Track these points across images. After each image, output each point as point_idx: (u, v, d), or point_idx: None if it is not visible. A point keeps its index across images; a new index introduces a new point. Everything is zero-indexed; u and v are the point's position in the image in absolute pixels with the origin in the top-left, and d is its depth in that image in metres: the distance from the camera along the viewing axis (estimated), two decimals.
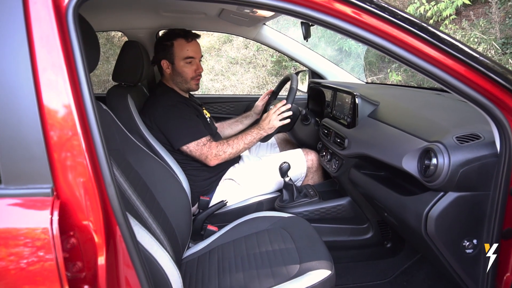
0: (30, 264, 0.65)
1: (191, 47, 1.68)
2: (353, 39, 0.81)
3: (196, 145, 1.60)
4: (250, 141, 1.67)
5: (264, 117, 1.69)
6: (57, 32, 0.68)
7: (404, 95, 1.58)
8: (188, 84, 1.73)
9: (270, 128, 1.66)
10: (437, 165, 0.93)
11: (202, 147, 1.60)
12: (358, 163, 1.43)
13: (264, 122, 1.67)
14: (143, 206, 1.19)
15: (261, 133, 1.67)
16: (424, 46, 0.79)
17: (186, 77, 1.71)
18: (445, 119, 1.13)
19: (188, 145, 1.60)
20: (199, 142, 1.60)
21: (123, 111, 1.52)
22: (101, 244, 0.71)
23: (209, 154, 1.61)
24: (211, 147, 1.61)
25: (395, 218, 1.23)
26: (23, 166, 0.67)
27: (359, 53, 4.69)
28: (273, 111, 1.66)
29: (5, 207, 0.67)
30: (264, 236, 1.34)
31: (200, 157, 1.62)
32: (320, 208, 1.60)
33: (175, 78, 1.72)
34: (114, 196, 0.73)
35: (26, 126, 0.66)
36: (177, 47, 1.67)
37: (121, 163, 1.19)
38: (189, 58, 1.68)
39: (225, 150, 1.63)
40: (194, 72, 1.72)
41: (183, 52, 1.67)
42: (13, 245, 0.65)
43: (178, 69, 1.69)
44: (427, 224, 0.99)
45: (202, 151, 1.60)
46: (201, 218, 1.64)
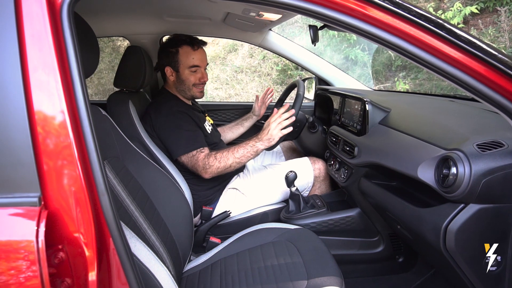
0: (11, 281, 0.59)
1: (197, 55, 1.64)
2: (368, 38, 0.76)
3: (187, 158, 1.55)
4: (242, 155, 1.50)
5: (264, 127, 1.52)
6: (50, 30, 0.64)
7: (416, 101, 1.52)
8: (191, 92, 1.69)
9: (269, 140, 1.48)
10: (457, 174, 0.87)
11: (191, 159, 1.54)
12: (369, 173, 1.36)
13: (263, 132, 1.50)
14: (142, 216, 1.13)
15: (257, 146, 1.50)
16: (441, 45, 0.73)
17: (189, 85, 1.67)
18: (462, 125, 1.06)
19: (181, 156, 1.55)
20: (188, 154, 1.54)
21: (124, 117, 1.48)
22: (92, 258, 0.65)
23: (198, 167, 1.53)
24: (199, 159, 1.52)
25: (409, 231, 1.16)
26: (9, 172, 0.62)
27: (366, 61, 4.65)
28: (273, 118, 1.48)
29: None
30: (269, 249, 1.28)
31: (193, 169, 1.57)
32: (328, 219, 1.53)
33: (179, 85, 1.68)
34: (107, 206, 0.68)
35: (14, 129, 0.62)
36: (182, 54, 1.62)
37: (119, 171, 1.14)
38: (194, 66, 1.64)
39: (211, 164, 1.51)
40: (199, 81, 1.67)
41: (189, 60, 1.62)
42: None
43: (183, 77, 1.65)
44: (446, 239, 0.92)
45: (192, 164, 1.54)
46: (204, 229, 1.58)
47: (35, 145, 0.62)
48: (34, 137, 0.62)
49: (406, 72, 4.41)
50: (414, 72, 4.32)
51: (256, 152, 1.51)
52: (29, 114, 0.62)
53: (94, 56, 1.00)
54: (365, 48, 4.71)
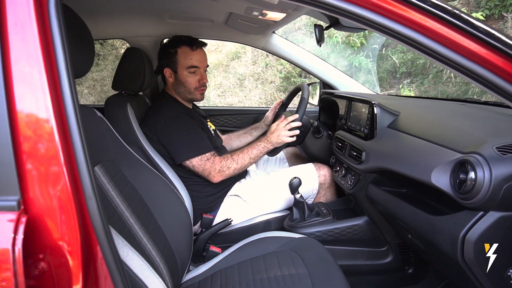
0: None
1: (195, 55, 1.59)
2: (379, 30, 0.70)
3: (200, 160, 1.49)
4: (256, 155, 1.56)
5: (272, 130, 1.58)
6: (35, 18, 0.59)
7: (426, 105, 1.46)
8: (192, 94, 1.64)
9: (279, 142, 1.56)
10: (476, 179, 0.80)
11: (206, 162, 1.49)
12: (377, 179, 1.30)
13: (272, 135, 1.56)
14: (138, 223, 1.07)
15: (268, 147, 1.57)
16: (458, 37, 0.67)
17: (189, 87, 1.62)
18: (478, 128, 1.00)
19: (191, 160, 1.49)
20: (202, 157, 1.49)
21: (122, 121, 1.43)
22: (77, 268, 0.59)
23: (212, 170, 1.50)
24: (215, 162, 1.50)
25: (422, 241, 1.08)
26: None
27: (370, 68, 4.61)
28: (283, 124, 1.56)
29: None
30: (272, 259, 1.22)
31: (203, 173, 1.51)
32: (334, 228, 1.46)
33: (178, 87, 1.63)
34: (95, 210, 0.62)
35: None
36: (181, 55, 1.58)
37: (114, 176, 1.08)
38: (193, 67, 1.59)
39: (229, 166, 1.52)
40: (198, 83, 1.62)
41: (187, 60, 1.58)
42: None
43: (181, 78, 1.61)
44: (464, 249, 0.85)
45: (205, 167, 1.49)
46: (204, 238, 1.52)
47: (15, 143, 0.57)
48: (15, 134, 0.57)
49: (411, 78, 4.35)
50: (420, 78, 4.26)
51: (266, 152, 1.59)
52: (10, 108, 0.57)
53: (88, 55, 0.95)
54: (369, 55, 4.67)
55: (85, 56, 0.93)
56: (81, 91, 6.80)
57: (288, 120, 1.56)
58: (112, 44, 6.66)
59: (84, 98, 6.65)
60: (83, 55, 0.92)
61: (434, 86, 4.09)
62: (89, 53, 0.97)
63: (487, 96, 3.40)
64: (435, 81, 4.09)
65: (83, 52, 0.92)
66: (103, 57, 6.90)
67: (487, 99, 1.46)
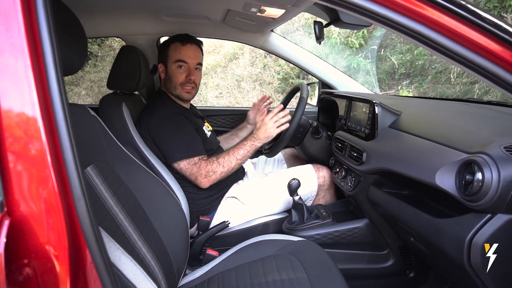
0: None
1: (184, 50, 1.56)
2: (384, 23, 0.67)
3: (187, 164, 1.45)
4: (243, 155, 1.51)
5: (258, 126, 1.52)
6: (20, 8, 0.55)
7: (427, 104, 1.43)
8: (177, 90, 1.59)
9: (266, 137, 1.51)
10: (483, 180, 0.77)
11: (193, 166, 1.45)
12: (378, 180, 1.26)
13: (259, 130, 1.51)
14: (132, 226, 1.04)
15: (255, 144, 1.51)
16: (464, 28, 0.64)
17: (175, 82, 1.58)
18: (484, 128, 0.97)
19: (179, 162, 1.46)
20: (190, 161, 1.45)
21: (116, 120, 1.39)
22: (64, 274, 0.56)
23: (199, 175, 1.45)
24: (201, 167, 1.45)
25: (425, 245, 1.05)
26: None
27: (368, 69, 4.59)
28: (269, 117, 1.50)
29: None
30: (270, 262, 1.19)
31: (190, 178, 1.48)
32: (334, 231, 1.42)
33: (167, 82, 1.61)
34: (84, 212, 0.58)
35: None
36: (171, 49, 1.57)
37: (108, 176, 1.05)
38: (180, 61, 1.56)
39: (215, 170, 1.47)
40: (185, 78, 1.57)
41: (176, 54, 1.56)
42: None
43: (169, 72, 1.59)
44: (470, 253, 0.81)
45: (192, 171, 1.45)
46: (200, 241, 1.48)
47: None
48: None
49: (410, 80, 4.34)
50: (419, 80, 4.24)
51: (255, 150, 1.53)
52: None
53: (80, 52, 0.92)
54: (368, 56, 4.65)
55: (77, 52, 0.90)
56: (78, 92, 6.77)
57: (274, 112, 1.51)
58: (110, 45, 6.63)
59: (82, 99, 6.61)
60: (75, 51, 0.88)
61: (433, 87, 4.07)
62: (81, 49, 0.93)
63: (488, 97, 3.39)
64: (434, 82, 4.08)
65: (75, 48, 0.88)
66: (101, 58, 6.87)
67: (489, 99, 1.44)
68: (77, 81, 7.00)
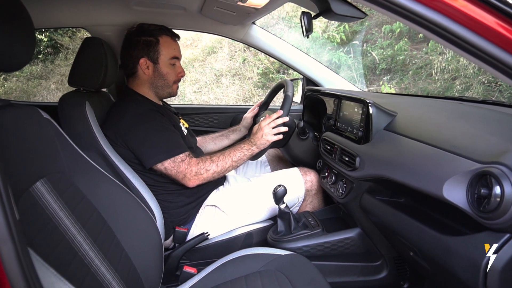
0: None
1: (177, 46, 1.48)
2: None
3: (173, 162, 1.30)
4: (239, 159, 1.40)
5: (255, 130, 1.43)
6: None
7: (423, 104, 1.32)
8: (170, 88, 1.49)
9: (263, 144, 1.41)
10: (503, 195, 0.66)
11: (180, 164, 1.31)
12: (373, 187, 1.15)
13: (256, 136, 1.42)
14: (94, 250, 0.89)
15: (252, 150, 1.41)
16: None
17: (168, 80, 1.46)
18: (493, 132, 0.86)
19: (163, 162, 1.30)
20: (176, 158, 1.31)
21: (79, 122, 1.22)
22: None
23: (188, 173, 1.31)
24: (191, 164, 1.32)
25: (429, 263, 0.94)
26: None
27: (349, 65, 4.51)
28: (267, 122, 1.42)
29: None
30: (255, 280, 1.09)
31: (177, 176, 1.33)
32: (324, 242, 1.31)
33: (156, 81, 1.45)
34: (13, 261, 0.43)
35: None
36: (163, 44, 1.43)
37: (64, 191, 0.90)
38: (175, 58, 1.46)
39: (207, 168, 1.34)
40: (177, 76, 1.48)
41: (170, 50, 1.44)
42: None
43: (162, 70, 1.44)
44: (487, 279, 0.71)
45: (180, 169, 1.31)
46: (177, 255, 1.34)
47: None
48: None
49: (391, 75, 4.29)
50: (400, 75, 4.20)
51: (250, 155, 1.43)
52: None
53: (26, 45, 0.76)
54: (349, 51, 4.57)
55: (23, 42, 0.75)
56: (47, 86, 6.44)
57: (272, 118, 1.42)
58: (82, 38, 6.32)
59: (51, 94, 6.30)
60: (20, 41, 0.74)
61: (414, 83, 4.04)
62: (27, 42, 0.78)
63: (469, 93, 3.36)
64: (415, 78, 4.04)
65: (20, 38, 0.74)
66: (72, 51, 6.55)
67: (474, 97, 1.35)
68: (47, 75, 6.68)
